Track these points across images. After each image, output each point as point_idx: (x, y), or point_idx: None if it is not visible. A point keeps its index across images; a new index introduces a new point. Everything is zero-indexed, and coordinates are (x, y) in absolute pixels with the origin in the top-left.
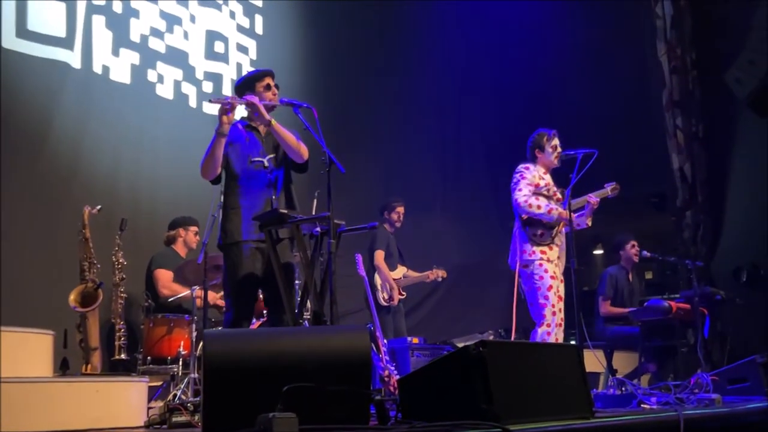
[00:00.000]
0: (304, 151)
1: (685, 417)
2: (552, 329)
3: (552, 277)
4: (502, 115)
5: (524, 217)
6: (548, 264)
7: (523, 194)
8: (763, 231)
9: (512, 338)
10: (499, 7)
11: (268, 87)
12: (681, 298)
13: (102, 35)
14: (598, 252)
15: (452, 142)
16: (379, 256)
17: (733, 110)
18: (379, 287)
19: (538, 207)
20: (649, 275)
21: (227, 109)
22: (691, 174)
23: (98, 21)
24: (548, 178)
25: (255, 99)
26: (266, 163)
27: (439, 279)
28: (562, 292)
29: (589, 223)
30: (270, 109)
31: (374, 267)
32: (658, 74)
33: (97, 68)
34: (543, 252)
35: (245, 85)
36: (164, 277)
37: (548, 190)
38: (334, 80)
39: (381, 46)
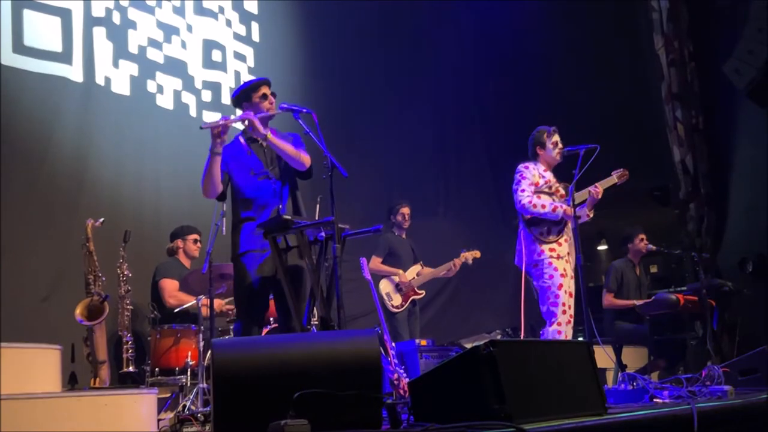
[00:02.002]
0: (306, 159)
1: (698, 410)
2: (563, 328)
3: (562, 275)
4: (501, 113)
5: (527, 216)
6: (558, 261)
7: (526, 195)
8: (767, 220)
9: (521, 337)
10: (497, 5)
11: (264, 96)
12: (688, 291)
13: (103, 47)
14: (602, 247)
15: (453, 141)
16: (374, 262)
17: (733, 101)
18: (384, 296)
19: (543, 206)
20: (654, 269)
21: (219, 131)
22: (692, 166)
23: (99, 33)
24: (549, 175)
25: (250, 114)
26: (270, 174)
27: (470, 262)
28: (572, 289)
29: (591, 215)
30: (268, 118)
31: (374, 273)
32: (656, 67)
33: (100, 80)
34: (552, 249)
35: (242, 96)
36: (170, 286)
37: (549, 188)
38: (333, 84)
39: (379, 49)
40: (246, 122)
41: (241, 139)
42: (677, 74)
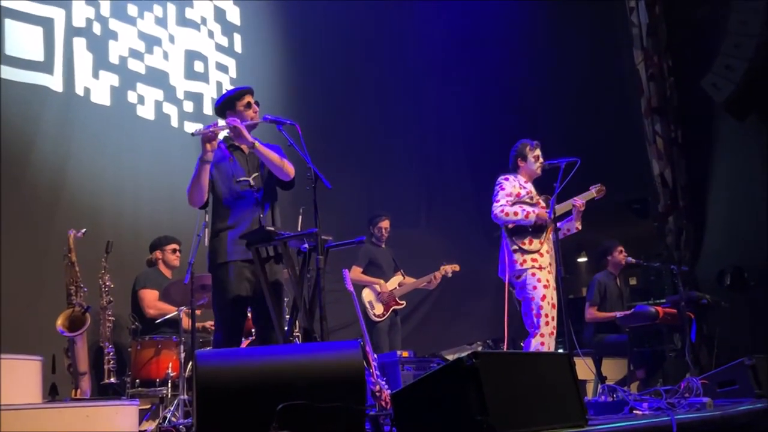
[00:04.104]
0: (290, 169)
1: (677, 421)
2: (546, 339)
3: (545, 286)
4: (483, 127)
5: (510, 226)
6: (540, 272)
7: (499, 205)
8: (744, 234)
9: (504, 348)
10: (479, 20)
11: (248, 105)
12: (667, 303)
13: (83, 57)
14: (582, 259)
15: (435, 154)
16: (355, 272)
17: (711, 115)
18: (367, 305)
19: (515, 213)
20: (633, 281)
21: (210, 138)
22: (671, 179)
23: (79, 43)
24: (530, 186)
25: (237, 122)
26: (252, 182)
27: (449, 275)
28: (555, 300)
29: (579, 227)
30: (252, 127)
31: (355, 283)
32: (635, 82)
33: (80, 90)
34: (534, 260)
35: (225, 105)
36: (149, 297)
37: (531, 198)
38: (316, 96)
39: (362, 61)
40: (231, 131)
41: (224, 147)
42: (656, 88)
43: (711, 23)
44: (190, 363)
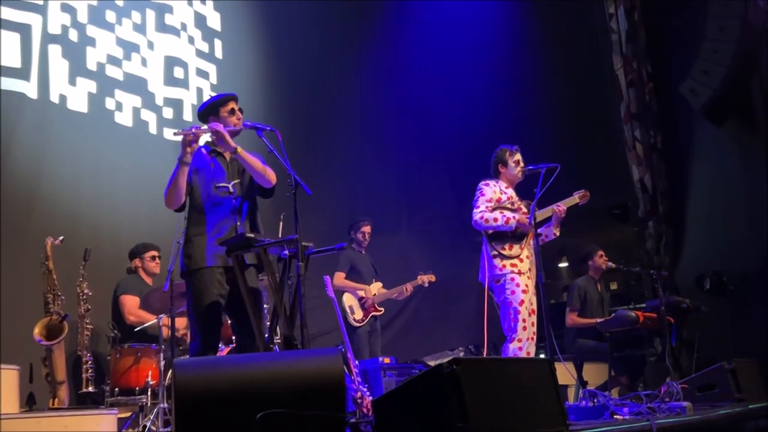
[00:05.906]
0: (272, 176)
1: (657, 426)
2: (524, 344)
3: (524, 291)
4: (464, 132)
5: (490, 232)
6: (520, 277)
7: (479, 211)
8: (723, 238)
9: (484, 354)
10: (460, 28)
11: (232, 111)
12: (647, 308)
13: (59, 64)
14: (563, 265)
15: (416, 160)
16: (338, 278)
17: (690, 120)
18: (347, 309)
19: (495, 219)
20: (613, 286)
21: (191, 139)
22: (651, 185)
23: (54, 50)
24: (511, 191)
25: (220, 127)
26: (231, 189)
27: (426, 284)
28: (534, 305)
29: (557, 233)
30: (235, 133)
31: (339, 289)
32: (615, 88)
33: (55, 98)
34: (513, 265)
35: (209, 111)
36: (130, 303)
37: (512, 204)
38: (296, 102)
39: (343, 67)
40: (214, 135)
41: (206, 152)
42: (636, 94)
43: (689, 29)
44: (170, 371)
